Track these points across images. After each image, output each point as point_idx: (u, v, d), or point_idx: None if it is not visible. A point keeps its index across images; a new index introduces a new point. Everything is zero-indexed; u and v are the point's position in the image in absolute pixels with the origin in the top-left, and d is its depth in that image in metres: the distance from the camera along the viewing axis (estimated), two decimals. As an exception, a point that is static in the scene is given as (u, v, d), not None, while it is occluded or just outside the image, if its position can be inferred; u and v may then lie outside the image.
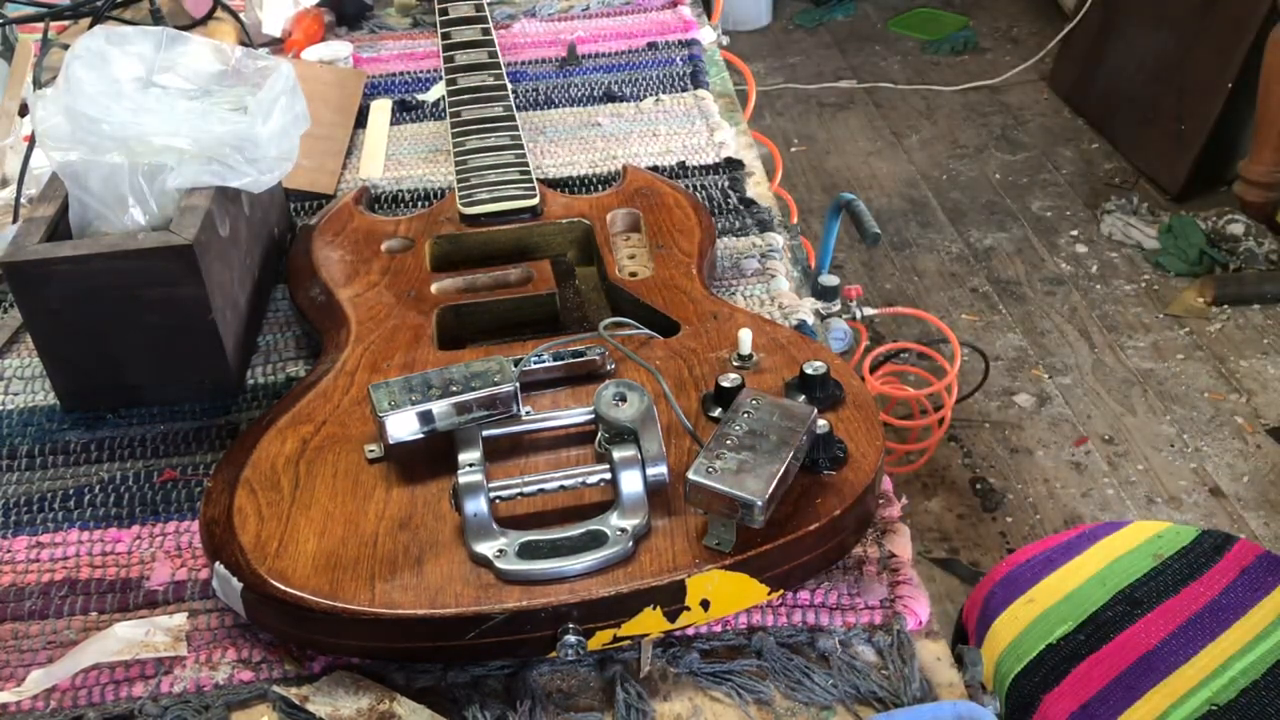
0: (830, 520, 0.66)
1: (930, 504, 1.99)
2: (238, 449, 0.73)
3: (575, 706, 0.64)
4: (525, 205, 0.95)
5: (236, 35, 1.28)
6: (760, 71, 3.32)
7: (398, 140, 1.17)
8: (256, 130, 0.84)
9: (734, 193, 1.05)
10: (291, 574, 0.64)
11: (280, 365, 0.89)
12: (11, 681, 0.66)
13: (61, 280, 0.79)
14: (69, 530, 0.75)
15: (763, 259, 0.96)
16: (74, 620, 0.70)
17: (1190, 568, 1.06)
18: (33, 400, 0.87)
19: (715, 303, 0.84)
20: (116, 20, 1.20)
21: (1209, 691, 0.96)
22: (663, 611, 0.64)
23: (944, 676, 0.65)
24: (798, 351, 0.78)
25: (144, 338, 0.82)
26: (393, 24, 1.43)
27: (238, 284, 0.88)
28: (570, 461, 0.71)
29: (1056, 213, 2.69)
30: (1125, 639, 1.00)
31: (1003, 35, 3.48)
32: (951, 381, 1.85)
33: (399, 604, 0.62)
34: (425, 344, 0.81)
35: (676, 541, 0.65)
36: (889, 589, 0.69)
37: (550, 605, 0.62)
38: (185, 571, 0.72)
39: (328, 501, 0.68)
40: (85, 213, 0.83)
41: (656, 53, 1.30)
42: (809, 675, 0.65)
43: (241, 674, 0.66)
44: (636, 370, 0.77)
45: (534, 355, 0.76)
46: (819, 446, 0.68)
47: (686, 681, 0.65)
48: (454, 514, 0.66)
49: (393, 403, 0.68)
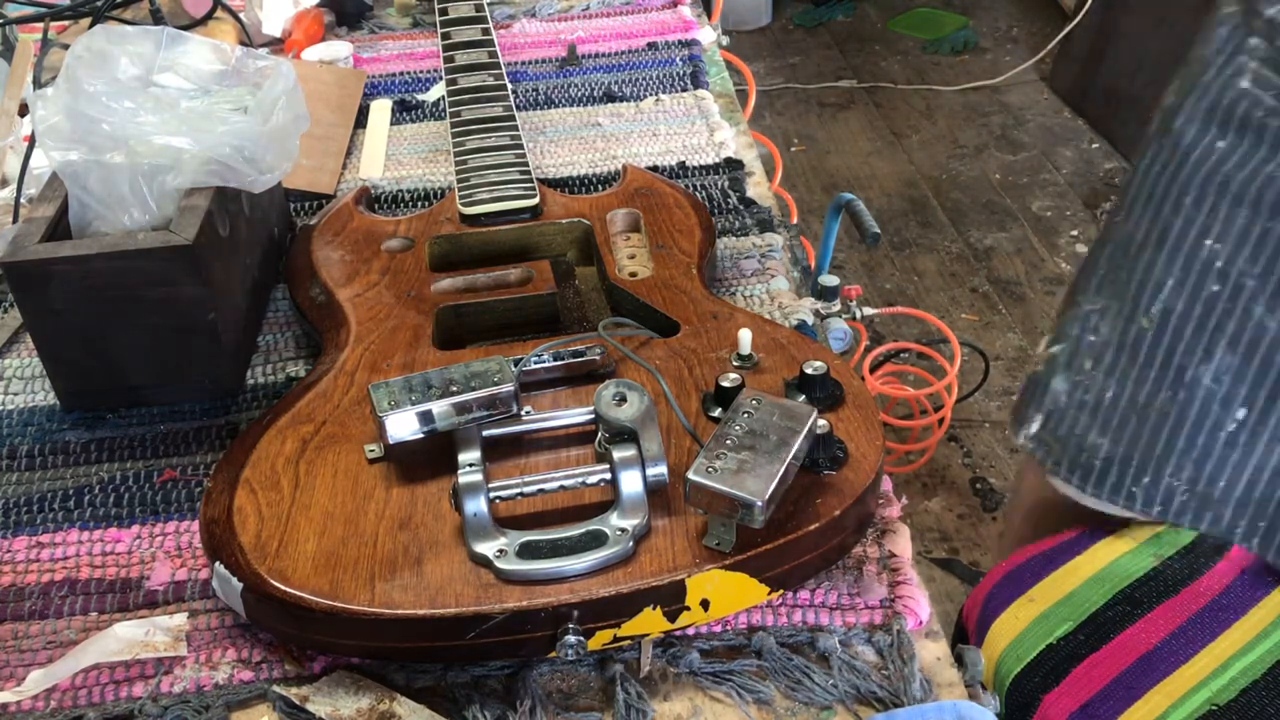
0: (830, 520, 0.66)
1: (930, 504, 1.99)
2: (238, 449, 0.73)
3: (575, 706, 0.64)
4: (525, 205, 0.95)
5: (236, 35, 1.28)
6: (760, 71, 3.32)
7: (398, 140, 1.17)
8: (256, 130, 0.84)
9: (734, 193, 1.05)
10: (291, 574, 0.64)
11: (280, 365, 0.89)
12: (11, 681, 0.66)
13: (61, 280, 0.79)
14: (69, 530, 0.75)
15: (763, 259, 0.96)
16: (74, 620, 0.70)
17: (1190, 568, 1.06)
18: (33, 400, 0.87)
19: (715, 303, 0.84)
20: (116, 20, 1.19)
21: (1209, 691, 0.96)
22: (663, 611, 0.64)
23: (944, 676, 0.65)
24: (798, 351, 0.78)
25: (144, 338, 0.82)
26: (393, 24, 1.43)
27: (238, 284, 0.88)
28: (570, 461, 0.71)
29: (1056, 213, 2.69)
30: (1125, 639, 1.00)
31: (1003, 35, 3.48)
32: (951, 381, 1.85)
33: (399, 604, 0.62)
34: (425, 344, 0.81)
35: (676, 541, 0.65)
36: (889, 589, 0.69)
37: (550, 605, 0.62)
38: (185, 571, 0.72)
39: (328, 501, 0.68)
40: (85, 213, 0.83)
41: (656, 53, 1.30)
42: (809, 675, 0.65)
43: (241, 674, 0.66)
44: (636, 370, 0.77)
45: (534, 355, 0.76)
46: (819, 446, 0.68)
47: (686, 681, 0.65)
48: (454, 514, 0.66)
49: (393, 403, 0.68)
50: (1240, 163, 0.93)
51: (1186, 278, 0.96)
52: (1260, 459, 0.97)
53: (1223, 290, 0.94)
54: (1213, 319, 0.95)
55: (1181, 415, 0.98)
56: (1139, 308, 0.99)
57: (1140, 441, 1.02)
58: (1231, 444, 0.97)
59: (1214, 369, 0.96)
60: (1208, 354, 0.96)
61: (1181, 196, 0.96)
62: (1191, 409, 0.97)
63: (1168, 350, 0.98)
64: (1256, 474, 0.98)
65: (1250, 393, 0.95)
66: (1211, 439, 0.98)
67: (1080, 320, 1.05)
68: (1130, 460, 1.03)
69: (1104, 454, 1.04)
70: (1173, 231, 0.97)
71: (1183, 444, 0.99)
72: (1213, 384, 0.96)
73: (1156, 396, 0.99)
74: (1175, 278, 0.97)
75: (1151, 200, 1.00)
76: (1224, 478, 1.00)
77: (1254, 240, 0.93)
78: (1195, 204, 0.95)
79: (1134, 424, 1.02)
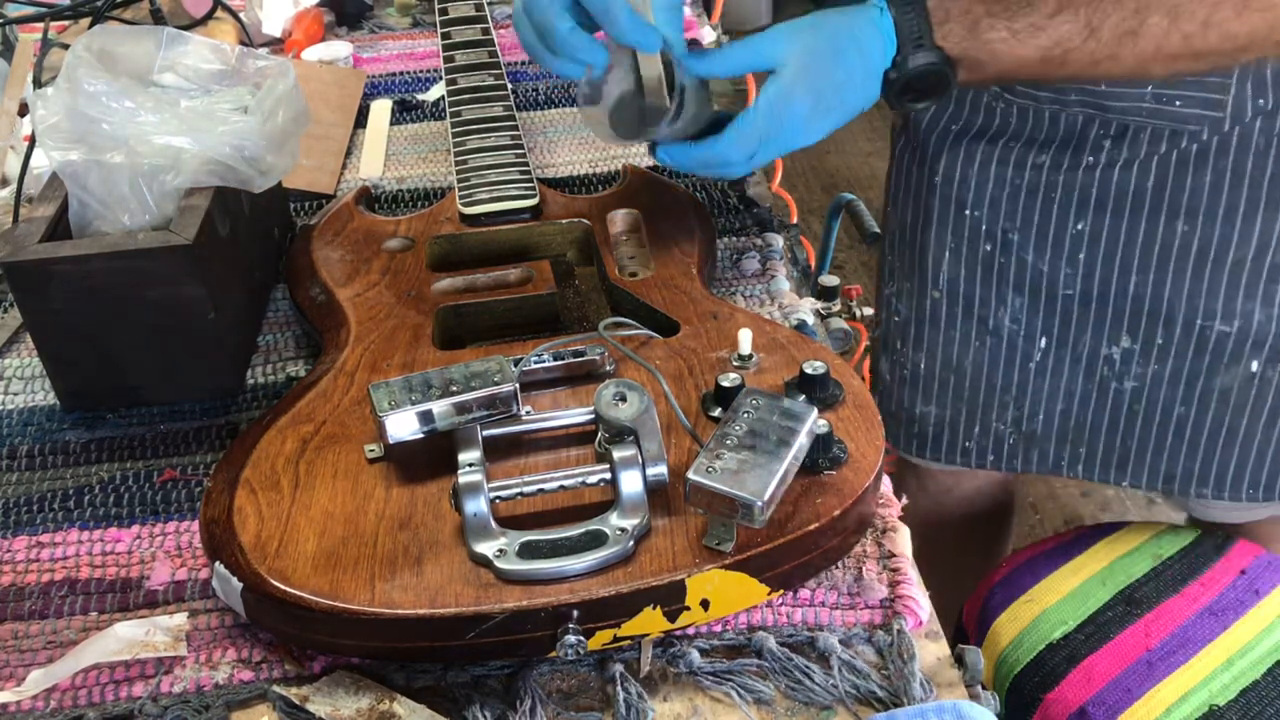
0: (830, 520, 0.66)
1: (930, 504, 1.99)
2: (238, 449, 0.73)
3: (575, 706, 0.64)
4: (525, 205, 0.95)
5: (236, 35, 1.28)
6: (760, 71, 3.32)
7: (398, 140, 1.17)
8: (256, 130, 0.84)
9: (734, 193, 1.05)
10: (291, 574, 0.64)
11: (280, 365, 0.89)
12: (11, 681, 0.66)
13: (61, 280, 0.79)
14: (69, 530, 0.75)
15: (763, 259, 0.96)
16: (74, 620, 0.70)
17: (1190, 568, 1.06)
18: (33, 400, 0.87)
19: (715, 303, 0.84)
20: (116, 20, 1.20)
21: (1209, 692, 0.96)
22: (663, 611, 0.64)
23: (944, 676, 0.65)
24: (798, 351, 0.78)
25: (144, 338, 0.82)
26: (393, 24, 1.43)
27: (238, 284, 0.88)
28: (570, 461, 0.71)
29: (1056, 213, 2.69)
30: (1125, 639, 1.00)
31: (1003, 35, 3.48)
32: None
33: (399, 604, 0.62)
34: (425, 344, 0.81)
35: (676, 541, 0.65)
36: (889, 589, 0.69)
37: (550, 605, 0.62)
38: (185, 571, 0.72)
39: (328, 501, 0.68)
40: (85, 213, 0.83)
41: (656, 53, 1.30)
42: (809, 675, 0.65)
43: (241, 674, 0.66)
44: (636, 370, 0.77)
45: (534, 355, 0.76)
46: (819, 446, 0.68)
47: (686, 681, 0.65)
48: (454, 514, 0.66)
49: (393, 403, 0.68)
50: (977, 134, 1.03)
51: (960, 246, 1.07)
52: (1068, 382, 1.09)
53: (995, 249, 1.05)
54: (995, 272, 1.06)
55: (994, 357, 1.10)
56: (928, 283, 1.10)
57: (964, 397, 1.13)
58: (1041, 372, 1.09)
59: (1010, 312, 1.07)
60: (1001, 300, 1.07)
61: (933, 178, 1.07)
62: (1001, 350, 1.09)
63: (965, 309, 1.09)
64: (1068, 400, 1.09)
65: (1046, 323, 1.06)
66: (1024, 372, 1.09)
67: (885, 305, 1.17)
68: (959, 419, 1.14)
69: (934, 420, 1.16)
70: (935, 210, 1.07)
71: (1000, 382, 1.11)
72: (1013, 324, 1.07)
73: (968, 351, 1.10)
74: (950, 249, 1.08)
75: (909, 187, 1.11)
76: (1041, 410, 1.11)
77: (1006, 200, 1.03)
78: (946, 182, 1.05)
79: (953, 383, 1.13)
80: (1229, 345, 1.01)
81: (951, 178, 1.05)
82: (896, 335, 1.15)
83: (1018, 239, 1.03)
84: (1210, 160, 0.94)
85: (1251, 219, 0.96)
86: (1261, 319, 0.99)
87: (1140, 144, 0.96)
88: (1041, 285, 1.04)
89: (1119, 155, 0.97)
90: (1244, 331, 1.00)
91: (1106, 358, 1.05)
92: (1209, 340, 1.01)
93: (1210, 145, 0.94)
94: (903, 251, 1.13)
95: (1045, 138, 0.99)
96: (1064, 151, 0.99)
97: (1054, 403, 1.10)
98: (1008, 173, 1.02)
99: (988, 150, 1.02)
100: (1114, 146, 0.97)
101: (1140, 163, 0.96)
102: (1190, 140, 0.94)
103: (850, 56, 0.78)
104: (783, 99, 0.78)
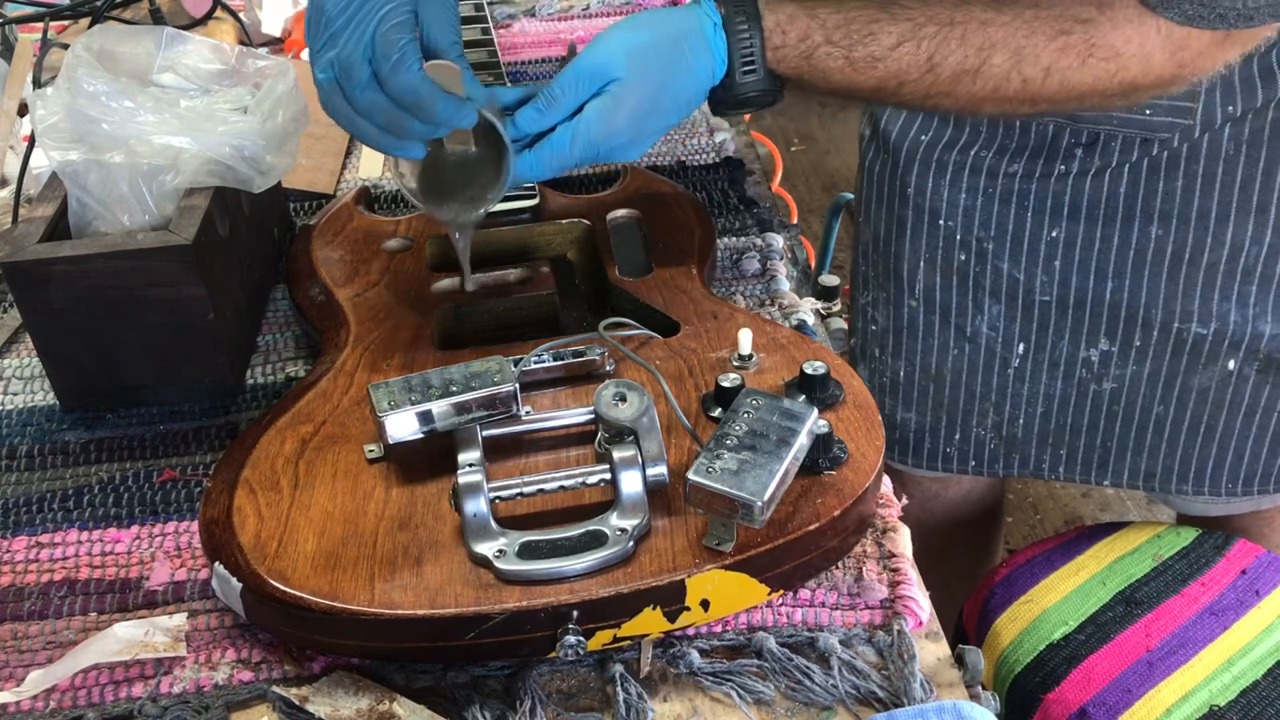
0: (830, 520, 0.66)
1: (930, 504, 1.99)
2: (237, 449, 0.73)
3: (575, 706, 0.64)
4: (525, 205, 0.95)
5: (236, 35, 1.28)
6: (760, 71, 3.31)
7: (398, 140, 1.17)
8: (256, 130, 0.84)
9: (734, 193, 1.05)
10: (291, 574, 0.64)
11: (280, 365, 0.89)
12: (11, 681, 0.66)
13: (61, 280, 0.79)
14: (68, 530, 0.75)
15: (763, 259, 0.96)
16: (74, 620, 0.70)
17: (1190, 568, 1.06)
18: (33, 400, 0.87)
19: (715, 303, 0.84)
20: (116, 20, 1.20)
21: (1209, 692, 0.96)
22: (663, 611, 0.64)
23: (944, 676, 0.65)
24: (798, 351, 0.78)
25: (144, 338, 0.82)
26: (393, 24, 1.42)
27: (238, 284, 0.88)
28: (570, 461, 0.71)
29: (1056, 213, 2.69)
30: (1125, 639, 1.00)
31: (1003, 35, 3.48)
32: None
33: (399, 604, 0.62)
34: (425, 344, 0.81)
35: (676, 541, 0.65)
36: (889, 589, 0.69)
37: (550, 605, 0.62)
38: (185, 571, 0.72)
39: (327, 502, 0.68)
40: (85, 213, 0.83)
41: (656, 53, 1.30)
42: (809, 675, 0.64)
43: (241, 674, 0.66)
44: (636, 370, 0.77)
45: (534, 355, 0.76)
46: (819, 446, 0.68)
47: (686, 681, 0.65)
48: (454, 514, 0.66)
49: (392, 403, 0.68)
50: (948, 145, 1.03)
51: (935, 256, 1.07)
52: (1046, 386, 1.09)
53: (970, 258, 1.05)
54: (970, 280, 1.07)
55: (973, 363, 1.10)
56: (904, 292, 1.11)
57: (944, 404, 1.13)
58: (1020, 377, 1.09)
59: (987, 319, 1.07)
60: (978, 308, 1.08)
61: (905, 189, 1.07)
62: (979, 356, 1.09)
63: (942, 318, 1.09)
64: (1047, 403, 1.10)
65: (1023, 329, 1.06)
66: (1003, 378, 1.10)
67: (860, 314, 1.17)
68: (939, 425, 1.15)
69: (914, 427, 1.16)
70: (909, 222, 1.08)
71: (980, 388, 1.11)
72: (990, 332, 1.08)
73: (947, 359, 1.11)
74: (925, 258, 1.08)
75: (881, 198, 1.10)
76: (1021, 414, 1.11)
77: (979, 209, 1.03)
78: (919, 193, 1.06)
79: (933, 391, 1.13)
80: (1206, 346, 1.01)
81: (924, 189, 1.05)
82: (874, 344, 1.16)
83: (992, 248, 1.04)
84: (1181, 166, 0.95)
85: (1224, 223, 0.96)
86: (1238, 319, 1.00)
87: (1112, 152, 0.96)
88: (1018, 293, 1.05)
89: (1091, 163, 0.97)
90: (1220, 333, 1.00)
91: (1085, 360, 1.06)
92: (1186, 341, 1.02)
93: (1181, 152, 0.94)
94: (877, 261, 1.13)
95: (1016, 147, 1.00)
96: (1036, 160, 0.99)
97: (1033, 406, 1.10)
98: (980, 182, 1.02)
99: (959, 160, 1.02)
100: (1085, 155, 0.97)
101: (1112, 170, 0.97)
102: (1161, 147, 0.94)
103: (679, 78, 0.78)
104: (613, 109, 0.77)
